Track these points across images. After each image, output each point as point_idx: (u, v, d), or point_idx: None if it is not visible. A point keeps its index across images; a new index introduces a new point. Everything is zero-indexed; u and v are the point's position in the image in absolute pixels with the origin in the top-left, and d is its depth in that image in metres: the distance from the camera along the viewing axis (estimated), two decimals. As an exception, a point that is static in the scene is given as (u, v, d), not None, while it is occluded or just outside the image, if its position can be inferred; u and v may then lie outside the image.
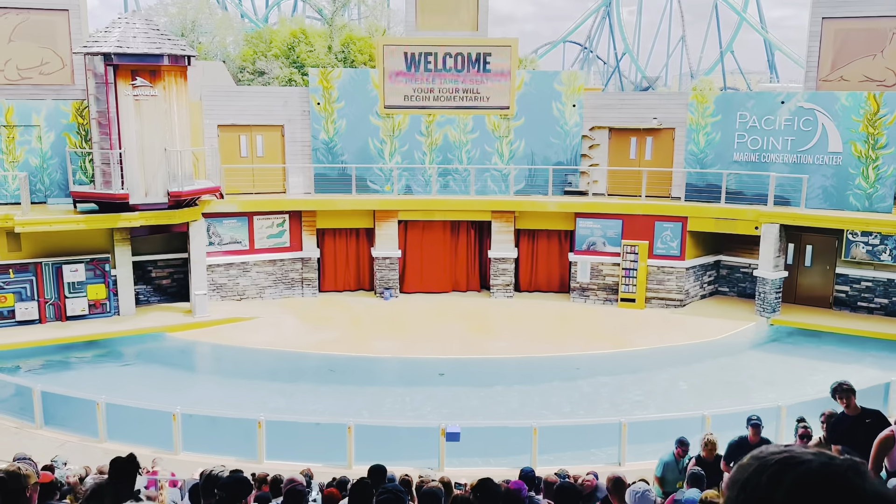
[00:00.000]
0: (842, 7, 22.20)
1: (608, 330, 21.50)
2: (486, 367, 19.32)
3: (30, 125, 21.42)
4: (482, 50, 24.09)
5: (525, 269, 25.27)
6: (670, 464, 9.71)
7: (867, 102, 21.20)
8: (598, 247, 23.74)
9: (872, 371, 18.13)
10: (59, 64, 22.15)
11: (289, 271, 24.24)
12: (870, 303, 22.29)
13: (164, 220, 20.66)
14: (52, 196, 21.72)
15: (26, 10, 21.69)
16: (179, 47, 20.27)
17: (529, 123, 24.41)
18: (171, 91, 20.23)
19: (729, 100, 23.60)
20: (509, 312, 23.10)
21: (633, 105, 24.64)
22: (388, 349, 19.95)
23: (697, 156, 23.51)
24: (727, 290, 24.75)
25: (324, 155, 24.30)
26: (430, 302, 24.14)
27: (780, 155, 22.46)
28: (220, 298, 23.36)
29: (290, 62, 39.79)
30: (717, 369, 19.35)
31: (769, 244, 21.81)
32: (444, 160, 24.54)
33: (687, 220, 22.86)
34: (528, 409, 16.50)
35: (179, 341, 20.69)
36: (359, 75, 24.57)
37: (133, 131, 19.91)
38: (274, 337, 20.70)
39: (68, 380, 17.82)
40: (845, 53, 22.29)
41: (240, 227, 23.49)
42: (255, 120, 23.90)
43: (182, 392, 17.47)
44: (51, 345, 19.68)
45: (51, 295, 20.68)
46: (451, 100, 24.31)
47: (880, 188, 21.33)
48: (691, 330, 21.39)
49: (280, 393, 17.76)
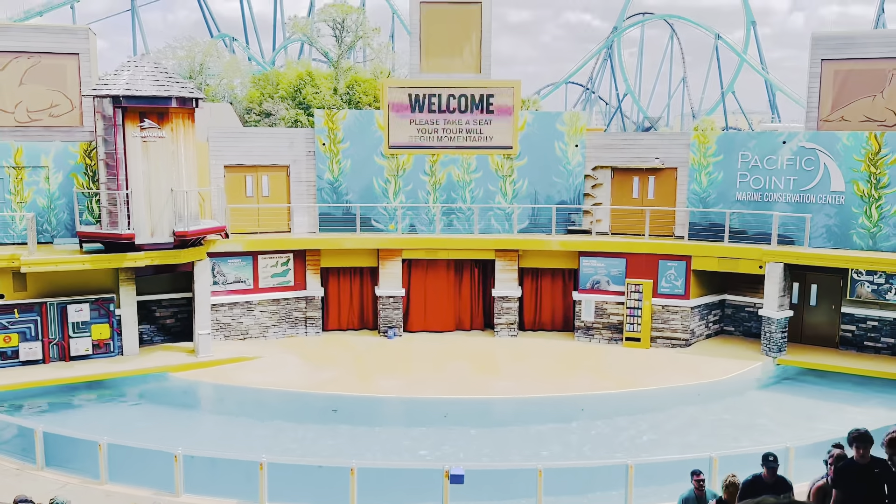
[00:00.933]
0: (841, 49, 22.48)
1: (614, 370, 21.38)
2: (490, 407, 19.20)
3: (38, 166, 21.64)
4: (485, 91, 24.38)
5: (529, 308, 25.25)
6: (690, 499, 9.64)
7: (868, 142, 21.33)
8: (603, 285, 23.74)
9: (880, 411, 17.96)
10: (68, 106, 22.47)
11: (293, 310, 24.24)
12: (876, 342, 22.17)
13: (170, 259, 20.75)
14: (59, 236, 21.85)
15: (38, 55, 22.10)
16: (187, 90, 20.56)
17: (532, 163, 24.59)
18: (179, 132, 20.47)
19: (731, 140, 23.77)
20: (514, 352, 23.01)
21: (636, 145, 24.83)
22: (392, 389, 19.84)
23: (700, 195, 23.61)
24: (733, 330, 24.65)
25: (328, 194, 24.47)
26: (434, 341, 24.08)
27: (783, 194, 22.55)
28: (223, 338, 23.35)
29: (297, 104, 40.28)
30: (723, 410, 19.17)
31: (773, 283, 21.78)
32: (447, 199, 24.68)
33: (691, 259, 22.87)
34: (534, 450, 16.35)
35: (182, 381, 20.62)
36: (364, 116, 24.85)
37: (140, 172, 20.11)
38: (277, 377, 20.63)
39: (71, 420, 17.74)
40: (845, 94, 22.51)
41: (244, 267, 23.57)
42: (260, 160, 24.14)
43: (184, 433, 17.37)
44: (54, 385, 19.63)
45: (55, 335, 20.69)
46: (455, 140, 24.54)
47: (884, 227, 21.35)
48: (697, 370, 21.27)
49: (283, 434, 17.63)
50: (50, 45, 22.22)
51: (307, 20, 51.94)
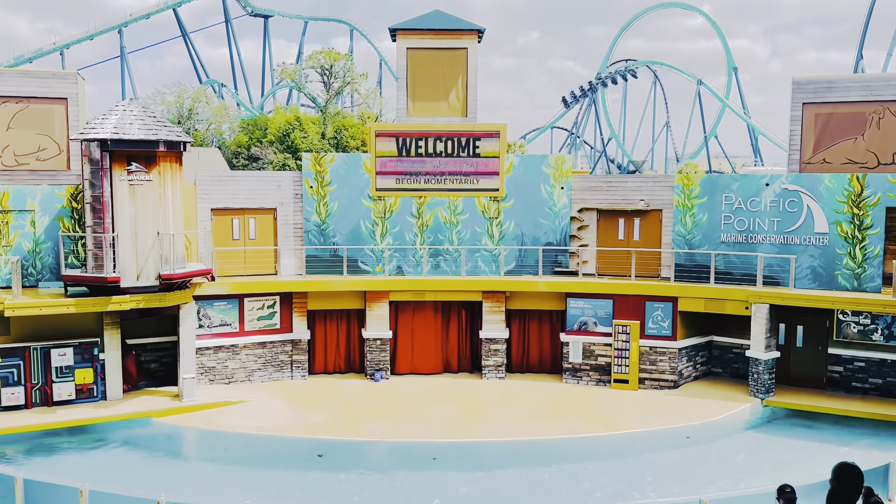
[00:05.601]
0: (821, 93, 22.95)
1: (602, 412, 21.27)
2: (478, 451, 18.99)
3: (24, 210, 21.58)
4: (472, 135, 24.65)
5: (517, 350, 25.18)
6: None
7: (850, 184, 21.64)
8: (590, 327, 23.74)
9: (869, 452, 17.89)
10: (55, 150, 22.54)
11: (278, 353, 24.06)
12: (864, 383, 22.21)
13: (155, 302, 20.61)
14: (44, 280, 21.69)
15: (26, 99, 22.25)
16: (175, 133, 20.66)
17: (519, 205, 24.76)
18: (166, 176, 20.51)
19: (714, 182, 24.06)
20: (501, 394, 22.87)
21: (620, 187, 25.08)
22: (379, 432, 19.63)
23: (685, 236, 23.80)
24: (720, 371, 24.64)
25: (316, 237, 24.49)
26: (421, 384, 23.91)
27: (767, 235, 22.76)
28: (208, 382, 23.11)
29: (285, 148, 40.55)
30: (712, 452, 19.06)
31: (760, 324, 21.85)
32: (434, 241, 24.76)
33: (677, 301, 22.95)
34: (522, 494, 16.15)
35: (167, 426, 20.33)
36: (351, 160, 25.02)
37: (127, 215, 20.08)
38: (262, 421, 20.38)
39: (53, 466, 17.39)
40: (826, 137, 22.92)
41: (230, 310, 23.43)
42: (248, 203, 24.19)
43: (168, 479, 17.07)
44: (36, 431, 19.31)
45: (38, 379, 20.42)
46: (442, 182, 24.72)
47: (868, 268, 21.55)
48: (686, 412, 21.18)
49: (268, 479, 17.36)
50: (38, 90, 22.38)
51: (295, 66, 52.57)
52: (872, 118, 22.41)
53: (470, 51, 25.00)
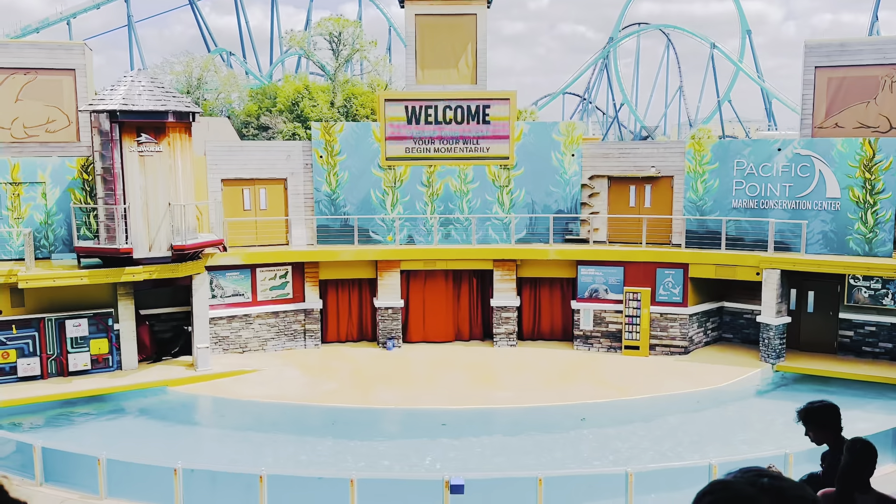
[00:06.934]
0: (834, 56, 22.62)
1: (613, 378, 21.38)
2: (489, 417, 19.18)
3: (35, 182, 21.69)
4: (481, 102, 24.48)
5: (528, 318, 25.26)
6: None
7: (862, 148, 21.42)
8: (601, 294, 23.76)
9: (879, 416, 17.95)
10: (64, 122, 22.54)
11: (291, 323, 24.24)
12: (874, 347, 22.19)
13: (168, 273, 20.76)
14: (57, 252, 21.87)
15: (34, 71, 22.19)
16: (184, 104, 20.63)
17: (529, 173, 24.66)
18: (176, 147, 20.53)
19: (726, 147, 23.86)
20: (513, 361, 23.00)
21: (632, 154, 24.92)
22: (391, 400, 19.83)
23: (696, 203, 23.67)
24: (731, 337, 24.67)
25: (326, 207, 24.51)
26: (433, 352, 24.08)
27: (779, 201, 22.61)
28: (222, 351, 23.34)
29: (294, 117, 40.42)
30: (723, 417, 19.17)
31: (771, 290, 21.81)
32: (445, 210, 24.73)
33: (688, 267, 22.91)
34: (533, 459, 16.33)
35: (181, 395, 20.60)
36: (360, 129, 24.93)
37: (137, 186, 20.15)
38: (276, 390, 20.61)
39: (70, 436, 17.71)
40: (839, 101, 22.63)
41: (242, 280, 23.58)
42: (258, 174, 24.19)
43: (184, 447, 17.34)
44: (53, 401, 19.61)
45: (53, 350, 20.68)
46: (452, 151, 24.62)
47: (880, 232, 21.41)
48: (696, 377, 21.26)
49: (282, 446, 17.61)
50: (46, 61, 22.32)
51: (304, 34, 52.13)
52: (885, 82, 22.10)
53: (479, 16, 24.73)
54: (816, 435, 5.26)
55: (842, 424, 5.29)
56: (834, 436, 5.26)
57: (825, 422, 5.24)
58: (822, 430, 5.24)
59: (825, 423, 5.24)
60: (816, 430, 5.24)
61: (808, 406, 5.21)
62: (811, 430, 5.26)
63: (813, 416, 5.20)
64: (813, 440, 5.31)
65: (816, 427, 5.23)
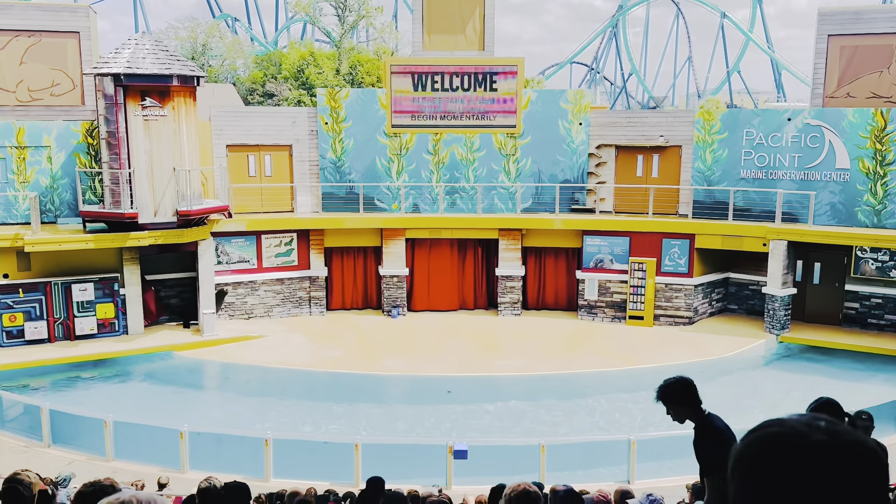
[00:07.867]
0: (848, 24, 22.27)
1: (617, 348, 21.41)
2: (493, 385, 19.25)
3: (40, 146, 21.61)
4: (488, 69, 24.23)
5: (533, 287, 25.25)
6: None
7: (874, 119, 21.19)
8: (606, 264, 23.71)
9: (883, 388, 17.97)
10: (69, 85, 22.39)
11: (297, 290, 24.28)
12: (880, 319, 22.14)
13: (173, 238, 20.76)
14: (62, 216, 21.85)
15: (38, 33, 21.97)
16: (188, 68, 20.47)
17: (536, 142, 24.48)
18: (181, 111, 20.40)
19: (735, 117, 23.63)
20: (517, 330, 23.04)
21: (640, 123, 24.70)
22: (396, 367, 19.91)
23: (704, 173, 23.51)
24: (736, 308, 24.64)
25: (331, 174, 24.41)
26: (437, 320, 24.12)
27: (788, 172, 22.44)
28: (228, 317, 23.41)
29: (299, 84, 40.13)
30: (726, 387, 19.20)
31: (777, 261, 21.73)
32: (451, 178, 24.61)
33: (694, 238, 22.81)
34: (537, 426, 16.41)
35: (187, 360, 20.72)
36: (366, 95, 24.74)
37: (142, 151, 20.07)
38: (282, 355, 20.71)
39: (76, 398, 17.85)
40: (851, 70, 22.32)
41: (248, 247, 23.58)
42: (263, 140, 24.06)
43: (190, 410, 17.47)
44: (59, 364, 19.74)
45: (60, 314, 20.76)
46: (458, 119, 24.43)
47: (889, 204, 21.26)
48: (701, 347, 21.29)
49: (288, 411, 17.72)
50: (50, 24, 22.08)
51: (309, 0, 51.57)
52: (900, 50, 21.78)
53: (487, -18, 24.38)
54: (675, 411, 5.18)
55: (700, 398, 5.19)
56: (692, 410, 5.18)
57: (679, 397, 5.14)
58: (679, 405, 5.16)
59: (679, 399, 5.15)
60: (674, 407, 5.15)
61: (661, 384, 5.14)
62: (669, 407, 5.18)
63: (667, 392, 5.13)
64: (674, 419, 5.22)
65: (673, 404, 5.14)
